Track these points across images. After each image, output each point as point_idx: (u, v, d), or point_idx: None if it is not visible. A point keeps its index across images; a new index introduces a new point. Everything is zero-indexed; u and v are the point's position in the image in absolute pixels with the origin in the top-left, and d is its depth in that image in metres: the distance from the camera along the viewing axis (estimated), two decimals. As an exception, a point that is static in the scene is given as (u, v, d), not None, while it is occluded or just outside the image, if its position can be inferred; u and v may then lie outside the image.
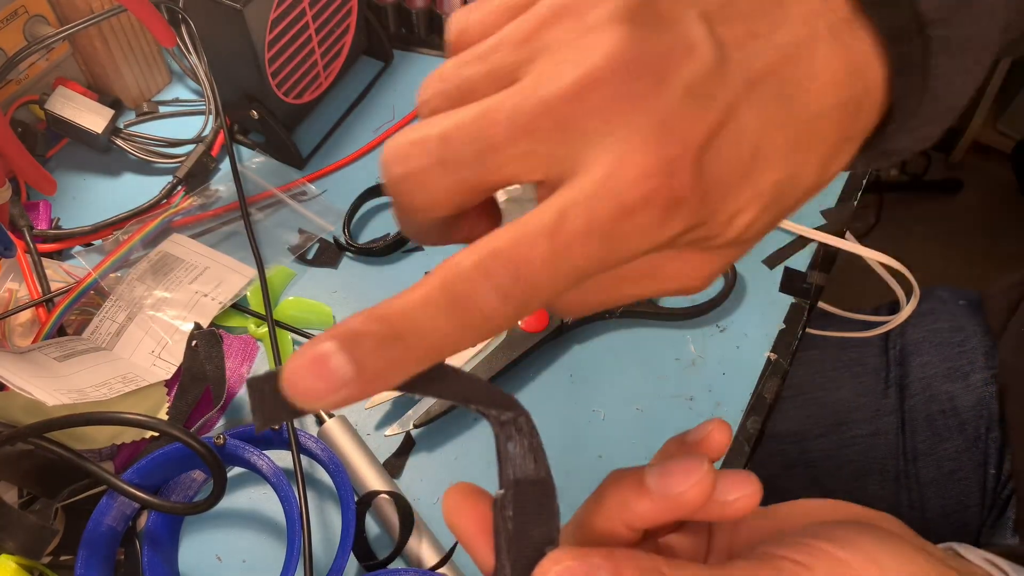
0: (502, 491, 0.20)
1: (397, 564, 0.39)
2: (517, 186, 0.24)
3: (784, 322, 0.48)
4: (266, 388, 0.17)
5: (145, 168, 0.55)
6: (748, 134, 0.18)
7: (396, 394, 0.44)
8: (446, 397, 0.19)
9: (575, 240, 0.17)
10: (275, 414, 0.17)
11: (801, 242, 0.51)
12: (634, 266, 0.20)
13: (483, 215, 0.22)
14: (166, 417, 0.42)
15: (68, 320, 0.46)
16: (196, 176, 0.53)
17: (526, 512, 0.19)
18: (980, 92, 1.45)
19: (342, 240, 0.51)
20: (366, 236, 0.52)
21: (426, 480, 0.43)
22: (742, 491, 0.21)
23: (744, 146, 0.18)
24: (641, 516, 0.21)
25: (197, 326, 0.44)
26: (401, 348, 0.17)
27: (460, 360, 0.45)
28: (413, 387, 0.18)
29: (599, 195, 0.17)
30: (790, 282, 0.49)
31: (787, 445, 0.63)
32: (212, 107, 0.54)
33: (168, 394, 0.43)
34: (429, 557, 0.39)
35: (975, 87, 0.23)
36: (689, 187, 0.17)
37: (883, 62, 0.20)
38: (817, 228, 0.51)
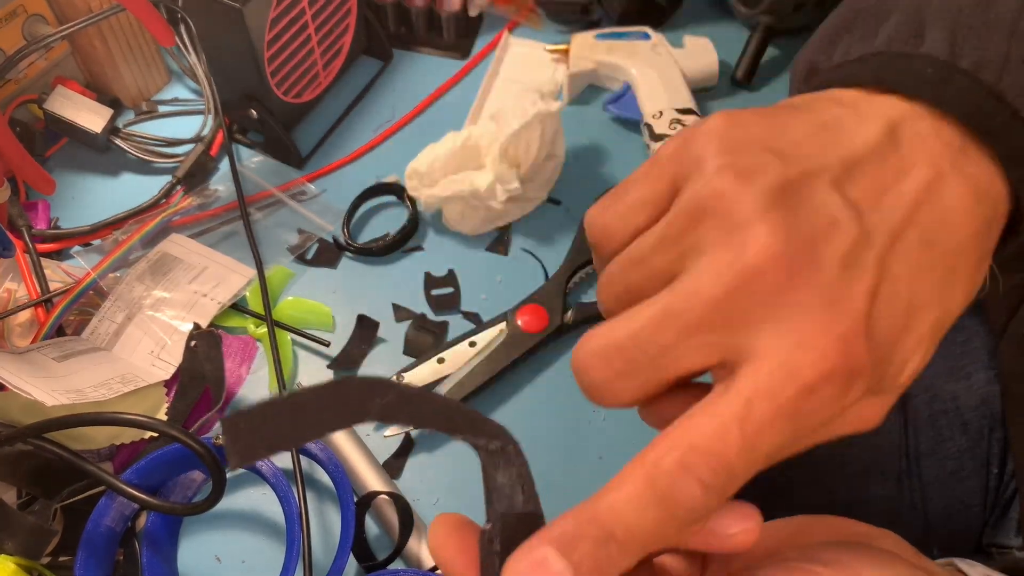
0: (489, 524, 0.19)
1: (397, 565, 0.39)
2: None
3: (785, 322, 0.48)
4: (241, 425, 0.17)
5: (144, 168, 0.55)
6: (902, 287, 0.19)
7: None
8: (434, 427, 0.19)
9: (763, 426, 0.18)
10: (250, 451, 0.17)
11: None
12: (828, 425, 0.21)
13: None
14: (165, 417, 0.42)
15: (67, 320, 0.46)
16: (195, 176, 0.53)
17: (514, 546, 0.19)
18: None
19: (341, 240, 0.51)
20: (365, 236, 0.52)
21: (426, 481, 0.43)
22: (744, 525, 0.21)
23: (901, 299, 0.20)
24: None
25: (196, 326, 0.44)
26: (615, 547, 0.18)
27: (461, 361, 0.45)
28: (394, 418, 0.18)
29: (781, 381, 0.18)
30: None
31: None
32: (211, 106, 0.54)
33: (167, 394, 0.43)
34: (428, 558, 0.39)
35: None
36: (864, 357, 0.19)
37: (1005, 180, 0.21)
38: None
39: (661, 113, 0.53)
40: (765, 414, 0.18)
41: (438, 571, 0.38)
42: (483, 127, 0.49)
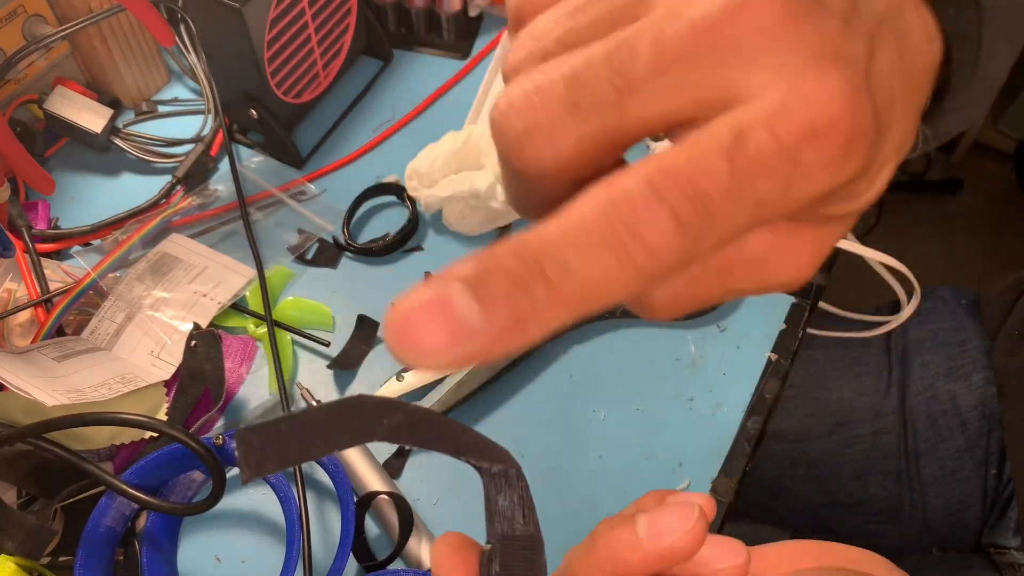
0: (489, 545, 0.20)
1: (397, 565, 0.39)
2: None
3: (785, 322, 0.48)
4: (253, 441, 0.16)
5: (144, 168, 0.55)
6: (885, 76, 0.17)
7: (397, 394, 0.44)
8: (439, 449, 0.19)
9: (756, 164, 0.14)
10: (262, 466, 0.16)
11: (802, 242, 0.51)
12: (751, 250, 0.17)
13: None
14: (165, 417, 0.42)
15: (67, 320, 0.46)
16: (195, 176, 0.53)
17: (513, 568, 0.19)
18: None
19: (341, 240, 0.51)
20: (365, 236, 0.52)
21: (426, 481, 0.43)
22: (732, 561, 0.20)
23: (885, 87, 0.16)
24: (631, 568, 0.20)
25: (196, 326, 0.44)
26: (542, 290, 0.13)
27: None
28: (401, 439, 0.18)
29: (785, 114, 0.14)
30: (791, 282, 0.49)
31: (789, 445, 0.63)
32: (211, 106, 0.54)
33: (167, 394, 0.43)
34: (428, 558, 0.39)
35: (1013, 59, 0.22)
36: (870, 117, 0.15)
37: (942, 35, 0.19)
38: (818, 228, 0.51)
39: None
40: (761, 149, 0.14)
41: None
42: (483, 127, 0.49)
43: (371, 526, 0.41)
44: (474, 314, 0.13)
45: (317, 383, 0.46)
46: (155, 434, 0.39)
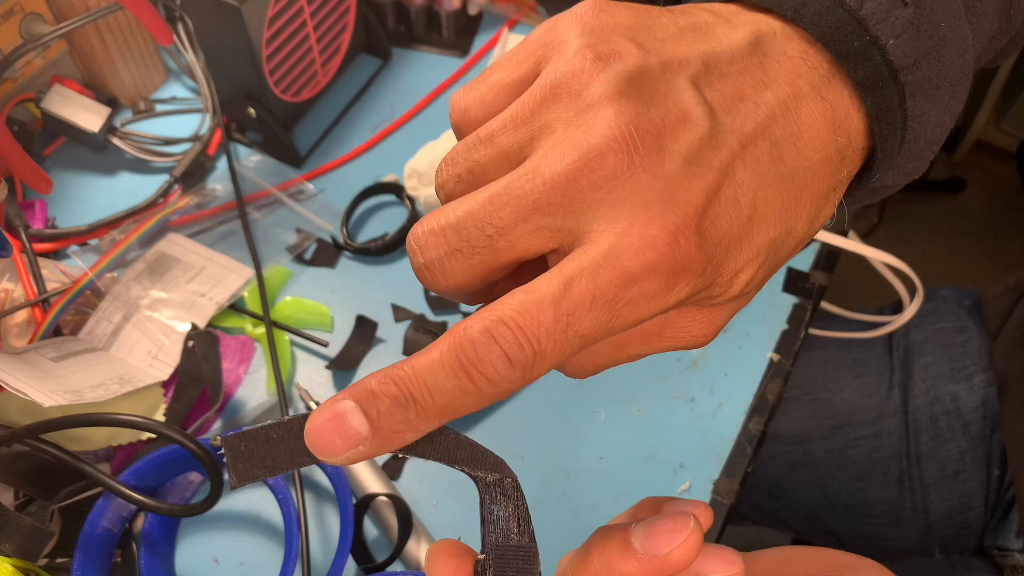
0: (484, 554, 0.20)
1: (395, 567, 0.39)
2: None
3: (787, 322, 0.47)
4: (242, 447, 0.18)
5: (142, 167, 0.55)
6: (745, 195, 0.19)
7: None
8: (429, 457, 0.19)
9: (579, 308, 0.18)
10: (250, 472, 0.18)
11: (803, 241, 0.51)
12: (644, 326, 0.21)
13: (515, 278, 0.22)
14: (163, 418, 0.41)
15: (64, 320, 0.45)
16: (193, 175, 0.52)
17: None
18: (983, 92, 1.44)
19: (340, 240, 0.50)
20: (364, 235, 0.52)
21: (425, 482, 0.42)
22: (727, 570, 0.20)
23: (742, 207, 0.19)
24: None
25: (194, 326, 0.44)
26: (413, 410, 0.18)
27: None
28: (401, 450, 0.19)
29: (603, 265, 0.18)
30: (793, 282, 0.49)
31: (790, 446, 0.62)
32: (209, 105, 0.54)
33: (165, 395, 0.42)
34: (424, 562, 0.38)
35: (953, 121, 0.24)
36: (693, 254, 0.18)
37: (862, 111, 0.21)
38: (820, 227, 0.51)
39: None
40: (582, 296, 0.18)
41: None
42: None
43: (370, 528, 0.41)
44: (363, 427, 0.18)
45: (315, 383, 0.45)
46: (153, 435, 0.39)
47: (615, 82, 0.19)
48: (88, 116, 0.52)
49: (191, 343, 0.43)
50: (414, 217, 0.51)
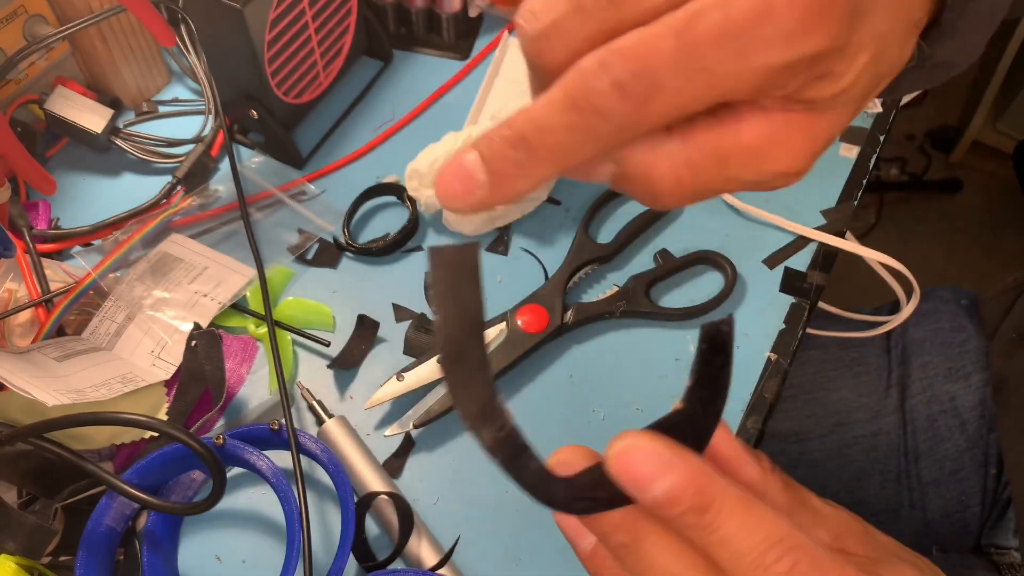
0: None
1: (397, 565, 0.39)
2: None
3: (784, 322, 0.48)
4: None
5: (144, 168, 0.55)
6: None
7: (397, 394, 0.44)
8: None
9: (707, 37, 0.16)
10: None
11: (801, 242, 0.51)
12: (745, 137, 0.19)
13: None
14: (165, 417, 0.42)
15: (67, 320, 0.46)
16: (195, 176, 0.53)
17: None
18: (980, 93, 1.44)
19: (341, 240, 0.51)
20: (366, 236, 0.52)
21: (425, 480, 0.43)
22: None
23: None
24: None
25: (196, 326, 0.44)
26: (524, 150, 0.17)
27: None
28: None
29: None
30: (790, 282, 0.49)
31: (788, 445, 0.63)
32: (211, 107, 0.54)
33: (167, 394, 0.43)
34: (429, 558, 0.39)
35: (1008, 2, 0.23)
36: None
37: None
38: (817, 228, 0.51)
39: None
40: (712, 25, 0.16)
41: (438, 572, 0.38)
42: (483, 127, 0.49)
43: (371, 526, 0.41)
44: (479, 170, 0.18)
45: (317, 383, 0.46)
46: (155, 434, 0.39)
47: None
48: (91, 117, 0.52)
49: (194, 343, 0.43)
50: (415, 218, 0.51)
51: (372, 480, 0.40)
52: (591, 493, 0.20)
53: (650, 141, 0.19)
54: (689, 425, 0.20)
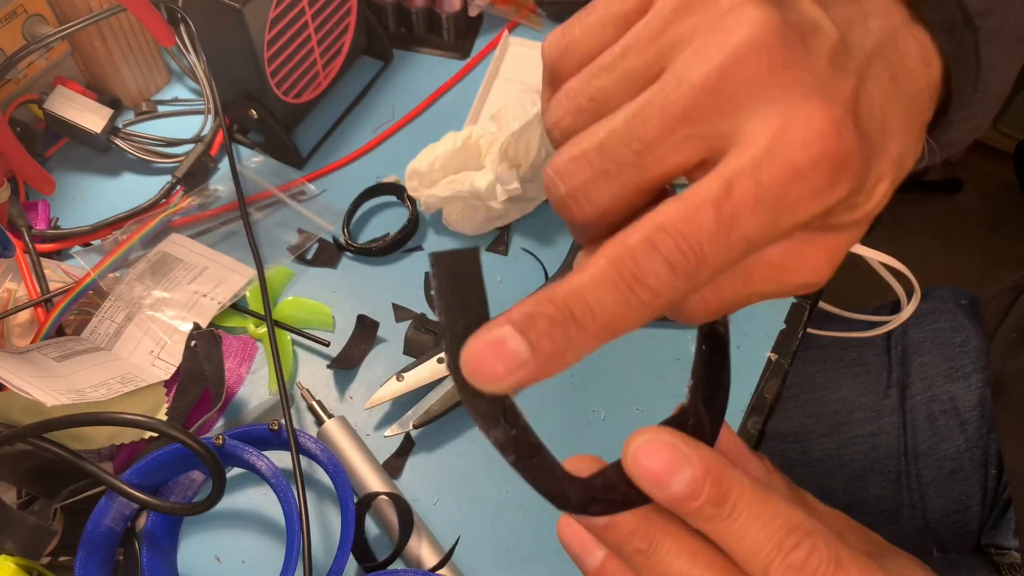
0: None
1: (397, 565, 0.39)
2: None
3: (785, 322, 0.48)
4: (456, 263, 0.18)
5: (144, 168, 0.55)
6: (876, 103, 0.19)
7: (397, 394, 0.44)
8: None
9: (743, 208, 0.17)
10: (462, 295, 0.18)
11: (802, 242, 0.51)
12: (769, 256, 0.20)
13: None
14: (165, 417, 0.42)
15: (67, 320, 0.46)
16: (195, 176, 0.53)
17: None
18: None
19: (341, 240, 0.51)
20: (365, 236, 0.52)
21: (425, 481, 0.43)
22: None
23: (876, 113, 0.19)
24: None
25: (196, 326, 0.44)
26: (574, 328, 0.17)
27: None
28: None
29: (767, 161, 0.17)
30: (791, 282, 0.49)
31: (788, 445, 0.63)
32: (211, 106, 0.54)
33: (167, 394, 0.43)
34: (429, 558, 0.39)
35: (1016, 73, 0.25)
36: (854, 146, 0.17)
37: (940, 55, 0.22)
38: (818, 228, 0.51)
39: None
40: (746, 195, 0.17)
41: (438, 572, 0.38)
42: (483, 127, 0.49)
43: (371, 526, 0.41)
44: (523, 350, 0.17)
45: (317, 383, 0.46)
46: (155, 434, 0.39)
47: None
48: (91, 117, 0.52)
49: (193, 343, 0.43)
50: (415, 218, 0.51)
51: (372, 480, 0.40)
52: (606, 495, 0.20)
53: None
54: (694, 425, 0.20)
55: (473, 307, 0.18)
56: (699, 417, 0.21)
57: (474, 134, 0.49)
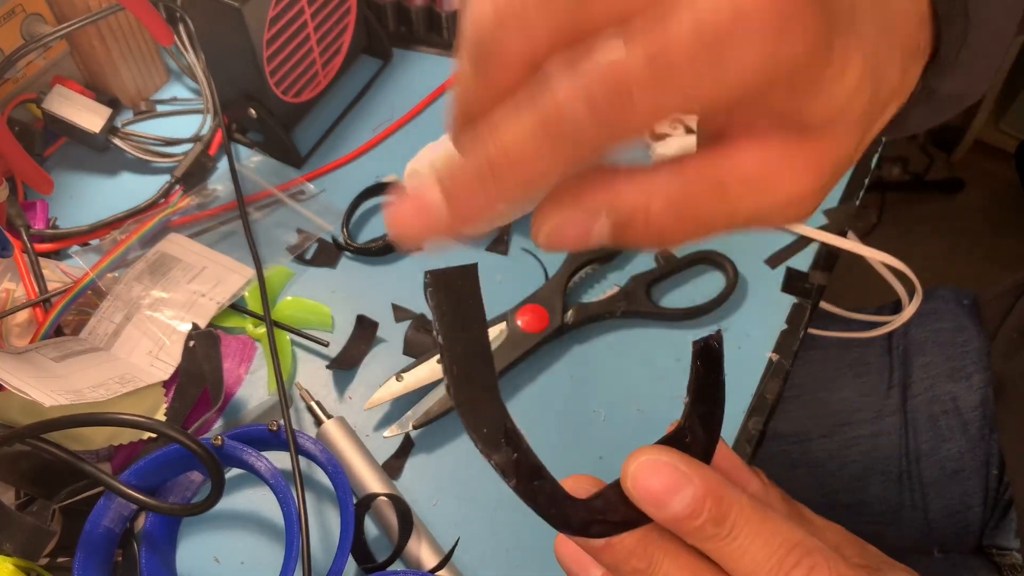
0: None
1: (396, 566, 0.39)
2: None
3: (786, 322, 0.48)
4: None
5: (143, 167, 0.55)
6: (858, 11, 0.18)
7: (396, 394, 0.43)
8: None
9: (679, 51, 0.15)
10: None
11: (803, 242, 0.51)
12: (742, 163, 0.19)
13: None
14: (164, 418, 0.41)
15: (65, 320, 0.46)
16: (194, 175, 0.53)
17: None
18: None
19: (340, 240, 0.51)
20: (365, 236, 0.52)
21: (425, 482, 0.43)
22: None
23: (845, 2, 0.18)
24: None
25: (195, 326, 0.44)
26: (492, 176, 0.16)
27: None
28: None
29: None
30: (792, 282, 0.49)
31: (790, 446, 0.63)
32: (210, 106, 0.54)
33: (166, 395, 0.43)
34: (428, 559, 0.38)
35: (1017, 13, 0.24)
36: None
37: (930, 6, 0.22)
38: (819, 228, 0.51)
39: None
40: (683, 36, 0.15)
41: (437, 573, 0.38)
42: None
43: (370, 527, 0.41)
44: (439, 203, 0.17)
45: (316, 383, 0.46)
46: (154, 435, 0.39)
47: None
48: (89, 116, 0.52)
49: (192, 343, 0.43)
50: (414, 217, 0.51)
51: (371, 481, 0.40)
52: (606, 516, 0.20)
53: (638, 180, 0.18)
54: (691, 442, 0.20)
55: (472, 327, 0.18)
56: (695, 434, 0.21)
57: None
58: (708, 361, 0.21)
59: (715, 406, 0.21)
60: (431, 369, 0.44)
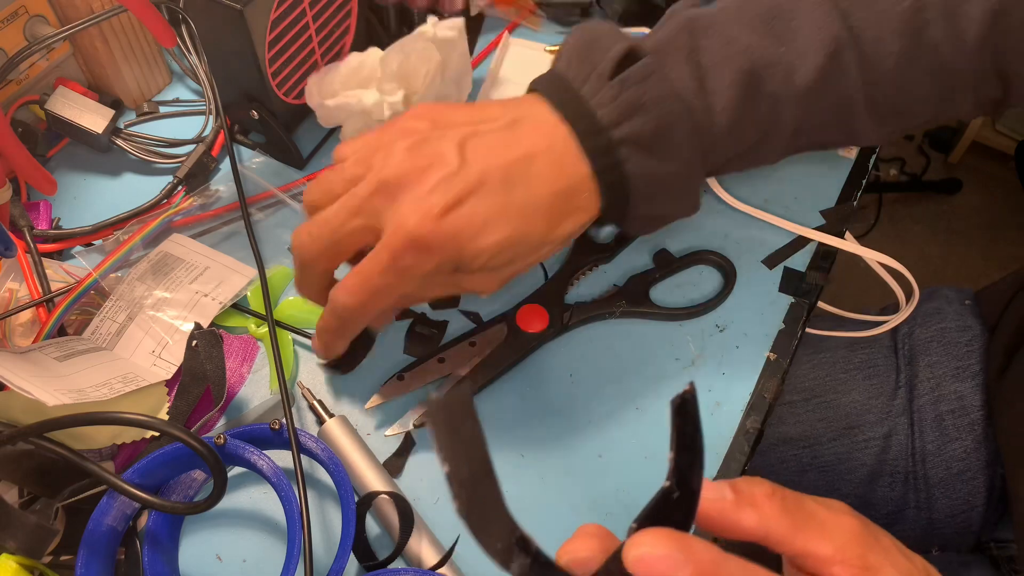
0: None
1: (397, 564, 0.39)
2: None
3: (784, 322, 0.48)
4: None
5: (145, 168, 0.55)
6: (480, 210, 0.33)
7: (397, 394, 0.44)
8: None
9: (373, 274, 0.34)
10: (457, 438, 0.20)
11: (800, 242, 0.51)
12: (443, 283, 0.37)
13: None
14: (166, 417, 0.42)
15: (68, 320, 0.46)
16: (196, 176, 0.53)
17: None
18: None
19: (342, 240, 0.51)
20: (366, 236, 0.52)
21: (426, 480, 0.43)
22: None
23: (477, 217, 0.33)
24: None
25: (197, 326, 0.44)
26: (329, 333, 0.40)
27: (461, 361, 0.45)
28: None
29: (382, 247, 0.34)
30: (789, 282, 0.49)
31: (800, 450, 0.63)
32: (212, 107, 0.54)
33: (168, 394, 0.43)
34: (429, 557, 0.39)
35: (684, 182, 0.38)
36: (430, 238, 0.33)
37: (588, 160, 0.36)
38: (816, 228, 0.51)
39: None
40: (373, 267, 0.34)
41: (439, 571, 0.38)
42: (377, 55, 0.50)
43: (372, 525, 0.41)
44: (316, 345, 0.41)
45: (318, 383, 0.46)
46: (156, 433, 0.39)
47: (407, 143, 0.35)
48: (92, 118, 0.53)
49: (195, 342, 0.43)
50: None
51: (373, 479, 0.41)
52: None
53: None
54: (680, 497, 0.22)
55: (473, 450, 0.20)
56: (684, 487, 0.22)
57: (373, 55, 0.50)
58: (685, 414, 0.22)
59: (696, 457, 0.22)
60: (432, 369, 0.45)
